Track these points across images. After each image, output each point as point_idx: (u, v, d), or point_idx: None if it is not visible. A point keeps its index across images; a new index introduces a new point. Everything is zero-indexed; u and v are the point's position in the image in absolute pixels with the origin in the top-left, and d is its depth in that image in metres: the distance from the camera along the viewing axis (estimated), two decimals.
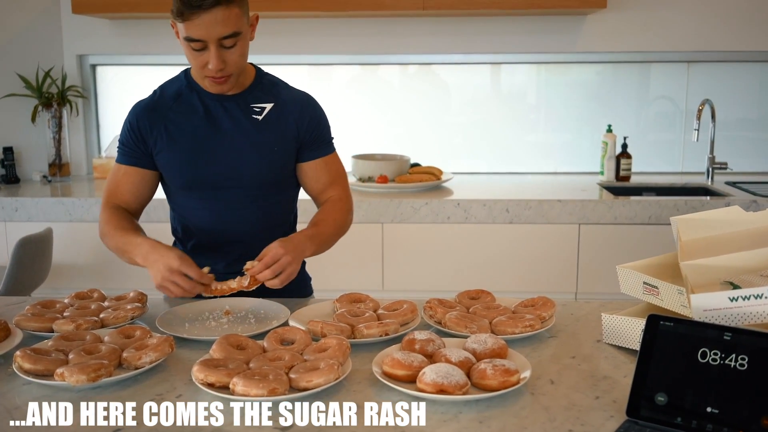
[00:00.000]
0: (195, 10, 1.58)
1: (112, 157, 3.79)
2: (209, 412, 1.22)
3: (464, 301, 1.70)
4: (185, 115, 1.80)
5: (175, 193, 1.86)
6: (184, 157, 1.79)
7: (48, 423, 1.20)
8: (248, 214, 1.84)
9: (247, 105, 1.81)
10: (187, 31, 1.62)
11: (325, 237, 1.80)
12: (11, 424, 1.19)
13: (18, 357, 1.35)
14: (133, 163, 1.82)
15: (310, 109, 1.87)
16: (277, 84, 1.88)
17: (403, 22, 3.68)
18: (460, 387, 1.23)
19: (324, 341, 1.41)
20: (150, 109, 1.82)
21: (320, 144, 1.88)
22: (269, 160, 1.82)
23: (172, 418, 1.21)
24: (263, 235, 1.80)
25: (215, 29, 1.61)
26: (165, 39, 3.73)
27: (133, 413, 1.22)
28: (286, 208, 1.93)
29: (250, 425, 1.18)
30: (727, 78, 3.76)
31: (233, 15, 1.62)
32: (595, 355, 1.46)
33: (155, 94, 1.86)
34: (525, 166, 3.92)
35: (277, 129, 1.82)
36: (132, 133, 1.81)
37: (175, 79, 1.87)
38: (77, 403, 1.25)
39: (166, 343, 1.40)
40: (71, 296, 1.75)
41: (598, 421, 1.18)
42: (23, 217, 3.29)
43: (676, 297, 1.40)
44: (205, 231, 1.86)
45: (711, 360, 1.15)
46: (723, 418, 1.11)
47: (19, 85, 3.71)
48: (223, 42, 1.64)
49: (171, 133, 1.79)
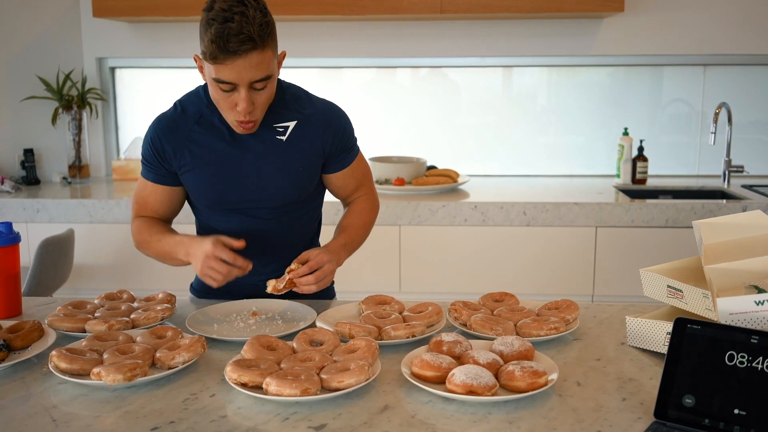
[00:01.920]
0: (229, 56, 1.55)
1: (130, 159, 3.84)
2: (243, 412, 1.25)
3: (488, 303, 1.72)
4: (208, 137, 1.76)
5: (200, 209, 1.88)
6: (209, 179, 1.78)
7: (86, 421, 1.23)
8: (273, 228, 1.84)
9: (271, 125, 1.77)
10: (218, 73, 1.58)
11: (356, 243, 1.86)
12: (51, 420, 1.22)
13: (54, 357, 1.38)
14: (159, 181, 1.82)
15: (335, 121, 1.83)
16: (300, 98, 1.83)
17: (419, 26, 3.71)
18: (489, 388, 1.25)
19: (353, 342, 1.43)
20: (172, 129, 1.78)
21: (346, 154, 1.87)
22: (294, 181, 1.81)
23: (206, 417, 1.23)
24: (287, 244, 1.85)
25: (248, 73, 1.58)
26: (182, 42, 3.77)
27: (168, 412, 1.25)
28: (311, 216, 1.94)
29: (283, 424, 1.20)
30: (743, 81, 3.77)
31: (266, 59, 1.59)
32: (620, 358, 1.48)
33: (176, 110, 1.81)
34: (540, 169, 3.93)
35: (302, 147, 1.79)
36: (155, 153, 1.79)
37: (193, 96, 1.82)
38: (113, 402, 1.28)
39: (199, 344, 1.43)
40: (101, 297, 1.78)
41: (626, 423, 1.20)
42: (45, 218, 3.33)
43: (701, 300, 1.42)
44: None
45: (738, 363, 1.17)
46: (750, 420, 1.13)
47: (39, 88, 3.76)
48: (255, 85, 1.62)
49: (195, 154, 1.77)
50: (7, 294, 1.74)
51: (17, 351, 1.49)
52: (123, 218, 3.30)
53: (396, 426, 1.19)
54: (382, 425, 1.20)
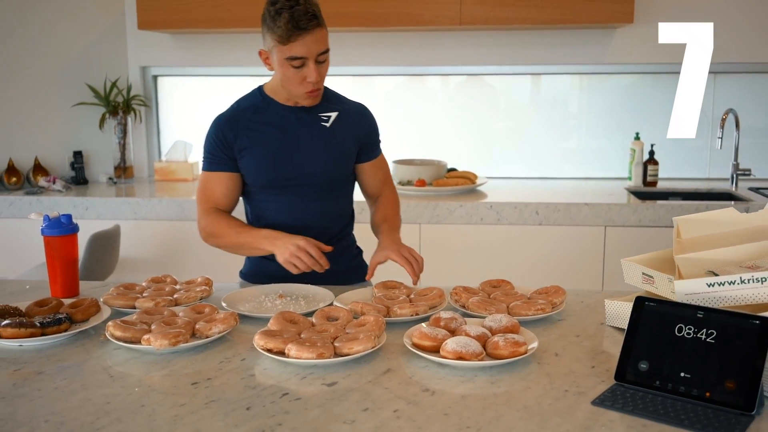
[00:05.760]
0: (302, 32, 1.88)
1: (171, 161, 4.12)
2: (268, 372, 1.48)
3: (486, 288, 1.94)
4: (263, 124, 2.08)
5: (253, 192, 2.15)
6: (264, 160, 2.08)
7: (137, 377, 1.47)
8: (316, 207, 2.14)
9: (316, 114, 2.11)
10: (291, 51, 1.91)
11: (396, 229, 2.22)
12: (109, 377, 1.47)
13: (110, 326, 1.63)
14: (223, 169, 2.11)
15: (367, 117, 2.21)
16: (338, 96, 2.19)
17: (441, 36, 3.93)
18: (476, 355, 1.47)
19: (363, 318, 1.66)
20: (232, 121, 2.10)
21: (375, 147, 2.24)
22: (336, 160, 2.13)
23: (237, 375, 1.47)
24: (326, 225, 2.15)
25: (315, 46, 1.92)
26: (219, 52, 4.05)
27: (206, 372, 1.49)
28: (346, 202, 2.25)
29: (302, 382, 1.44)
30: (751, 88, 3.93)
31: (325, 34, 1.95)
32: (598, 335, 1.68)
33: (233, 108, 2.14)
34: (555, 172, 4.13)
35: (342, 133, 2.13)
36: (218, 142, 2.09)
37: (249, 96, 2.15)
38: (160, 363, 1.53)
39: (232, 318, 1.67)
40: (148, 280, 2.03)
41: (591, 384, 1.41)
42: (93, 215, 3.62)
43: (667, 285, 1.62)
44: (278, 223, 2.13)
45: (686, 334, 1.37)
46: (694, 381, 1.33)
47: (88, 95, 4.06)
48: (319, 58, 1.94)
49: (252, 139, 2.07)
50: (67, 277, 2.00)
51: (77, 323, 1.74)
52: (165, 215, 3.58)
53: (395, 384, 1.42)
54: (383, 383, 1.42)
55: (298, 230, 2.03)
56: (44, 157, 4.07)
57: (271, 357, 1.52)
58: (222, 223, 2.10)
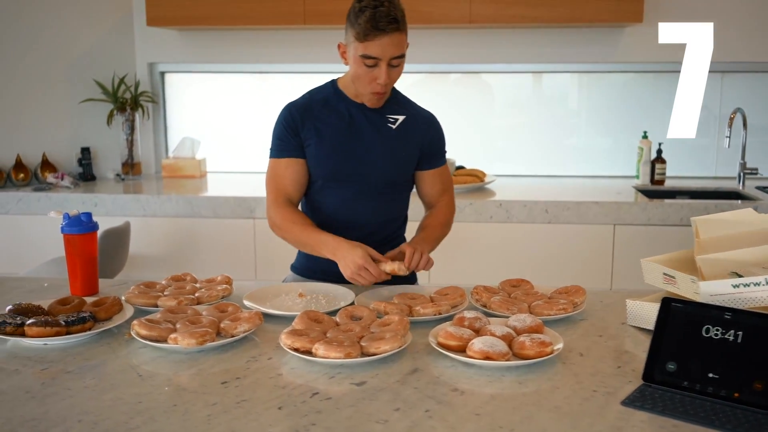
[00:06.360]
0: (379, 33, 1.90)
1: (178, 158, 4.12)
2: (296, 371, 1.49)
3: (506, 288, 1.95)
4: (332, 117, 2.11)
5: (312, 183, 2.15)
6: (329, 151, 2.09)
7: (166, 376, 1.48)
8: (371, 205, 2.15)
9: (384, 115, 2.13)
10: (366, 50, 1.93)
11: (437, 240, 2.18)
12: (137, 376, 1.48)
13: (135, 325, 1.63)
14: (292, 155, 2.12)
15: (434, 126, 2.22)
16: (409, 102, 2.23)
17: (451, 34, 3.93)
18: (503, 355, 1.48)
19: (387, 317, 1.67)
20: (303, 109, 2.12)
21: (438, 157, 2.23)
22: (396, 162, 2.14)
23: (266, 375, 1.47)
24: (379, 225, 2.16)
25: (390, 50, 1.93)
26: (227, 49, 4.05)
27: (234, 370, 1.49)
28: (401, 206, 2.25)
29: (330, 381, 1.44)
30: (759, 87, 3.94)
31: (403, 40, 1.96)
32: (620, 335, 1.69)
33: (305, 98, 2.16)
34: (563, 170, 4.14)
35: (406, 138, 2.14)
36: (288, 128, 2.11)
37: (322, 88, 2.18)
38: (187, 362, 1.54)
39: (257, 317, 1.68)
40: (167, 279, 2.04)
41: (619, 385, 1.42)
42: (102, 211, 3.62)
43: (690, 285, 1.63)
44: (332, 216, 2.14)
45: (713, 335, 1.38)
46: (722, 382, 1.34)
47: (96, 91, 4.06)
48: (393, 61, 1.96)
49: (319, 130, 2.10)
50: (87, 275, 2.01)
51: (101, 321, 1.75)
52: (174, 212, 3.58)
53: (424, 384, 1.43)
54: (412, 383, 1.43)
55: (351, 227, 2.04)
56: (52, 153, 4.06)
57: (298, 356, 1.53)
58: (288, 218, 2.09)
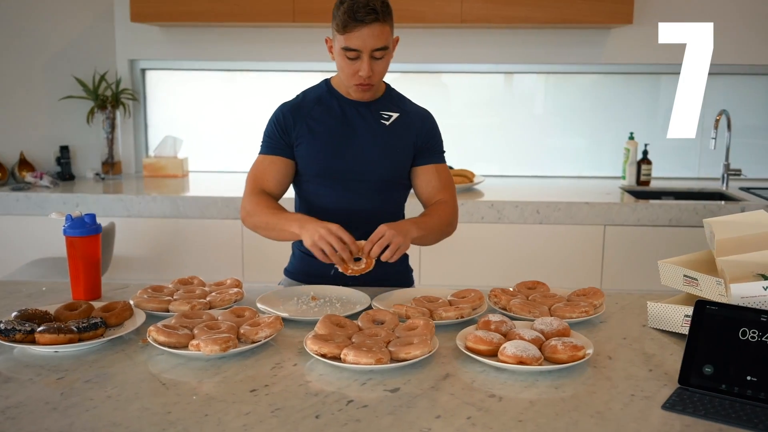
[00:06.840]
0: (358, 24, 1.89)
1: (160, 156, 4.03)
2: (325, 378, 1.45)
3: (523, 290, 1.93)
4: (325, 115, 2.09)
5: (305, 181, 2.12)
6: (321, 148, 2.08)
7: (191, 385, 1.42)
8: (365, 204, 2.11)
9: (378, 112, 2.11)
10: (347, 42, 1.92)
11: (428, 225, 2.04)
12: (161, 384, 1.42)
13: (152, 331, 1.58)
14: (278, 153, 2.10)
15: (429, 122, 2.19)
16: (403, 98, 2.20)
17: (442, 34, 3.91)
18: (536, 359, 1.46)
19: (411, 321, 1.64)
20: (295, 108, 2.12)
21: (434, 152, 2.17)
22: (391, 159, 2.11)
23: (295, 382, 1.43)
24: (374, 225, 2.02)
25: (371, 41, 1.91)
26: (210, 46, 3.98)
27: (260, 378, 1.45)
28: (396, 204, 2.20)
29: (362, 388, 1.41)
30: (742, 89, 4.00)
31: (385, 31, 1.94)
32: (643, 338, 1.69)
33: (299, 97, 2.15)
34: (550, 170, 4.15)
35: (401, 134, 2.11)
36: (278, 127, 2.10)
37: (316, 87, 2.17)
38: (210, 370, 1.49)
39: (277, 321, 1.63)
40: (174, 282, 1.98)
41: (655, 389, 1.41)
42: (84, 212, 3.50)
43: (715, 287, 1.63)
44: (327, 214, 2.06)
45: (750, 338, 1.38)
46: (760, 385, 1.34)
47: (76, 88, 3.95)
48: (375, 53, 1.94)
49: (311, 128, 2.08)
50: (90, 278, 1.94)
51: (112, 327, 1.69)
52: (158, 213, 3.50)
53: (459, 389, 1.40)
54: (447, 389, 1.40)
55: (346, 226, 1.98)
56: (30, 152, 3.95)
57: (325, 362, 1.49)
58: (261, 203, 2.06)
